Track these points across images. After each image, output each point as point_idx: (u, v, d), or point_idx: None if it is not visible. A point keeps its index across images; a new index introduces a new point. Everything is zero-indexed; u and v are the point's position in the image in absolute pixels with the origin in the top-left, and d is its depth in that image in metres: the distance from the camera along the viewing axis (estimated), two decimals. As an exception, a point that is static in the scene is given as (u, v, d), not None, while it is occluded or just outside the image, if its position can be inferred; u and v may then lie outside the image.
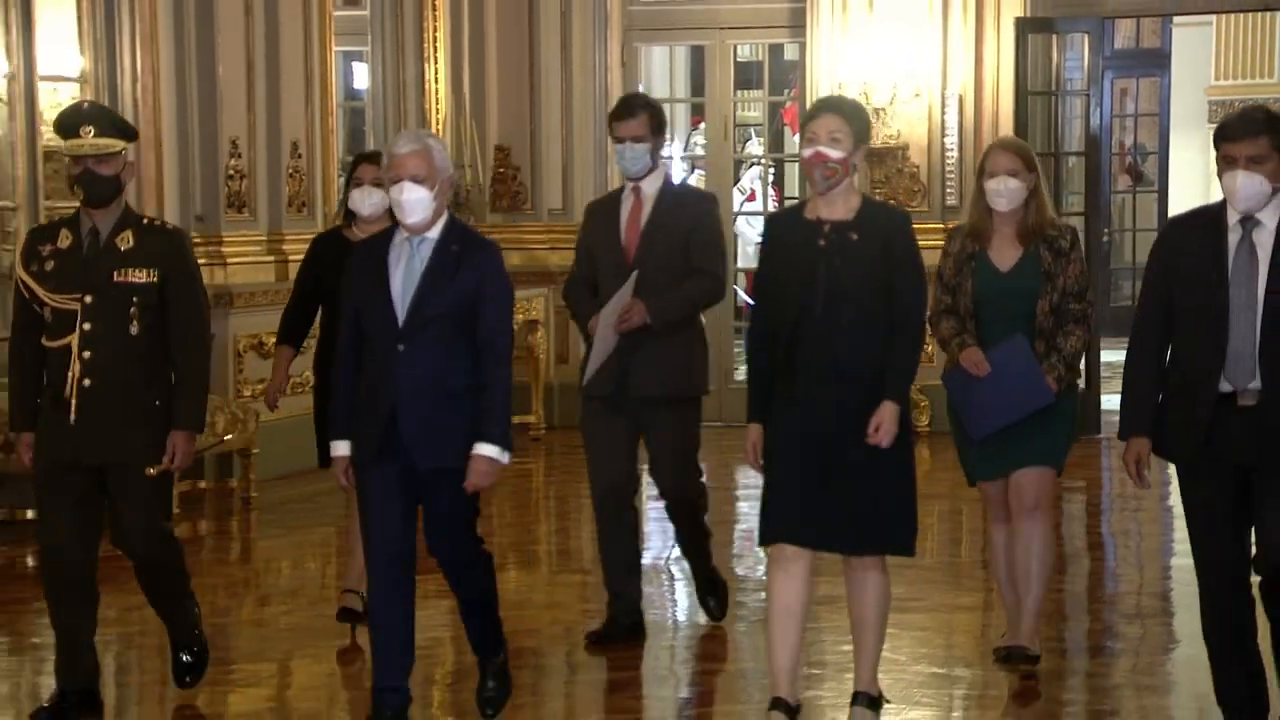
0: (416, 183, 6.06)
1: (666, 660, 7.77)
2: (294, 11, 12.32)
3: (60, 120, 6.63)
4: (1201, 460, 5.77)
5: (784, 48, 16.02)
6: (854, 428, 6.00)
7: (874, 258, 5.99)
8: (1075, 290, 6.88)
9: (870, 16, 13.97)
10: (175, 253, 6.56)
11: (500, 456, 6.14)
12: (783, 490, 6.09)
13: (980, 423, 6.88)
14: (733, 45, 15.14)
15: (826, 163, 5.95)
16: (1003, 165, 6.85)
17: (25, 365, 6.56)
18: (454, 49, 14.09)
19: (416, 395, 6.11)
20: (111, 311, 6.43)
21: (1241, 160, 5.58)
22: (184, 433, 6.53)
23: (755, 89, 16.99)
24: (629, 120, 7.51)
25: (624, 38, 14.77)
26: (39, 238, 6.60)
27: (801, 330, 6.01)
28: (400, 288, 6.14)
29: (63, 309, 6.43)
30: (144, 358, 6.49)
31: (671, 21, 15.64)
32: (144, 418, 6.49)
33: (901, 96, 13.89)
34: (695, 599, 8.09)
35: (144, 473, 6.49)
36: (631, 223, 7.54)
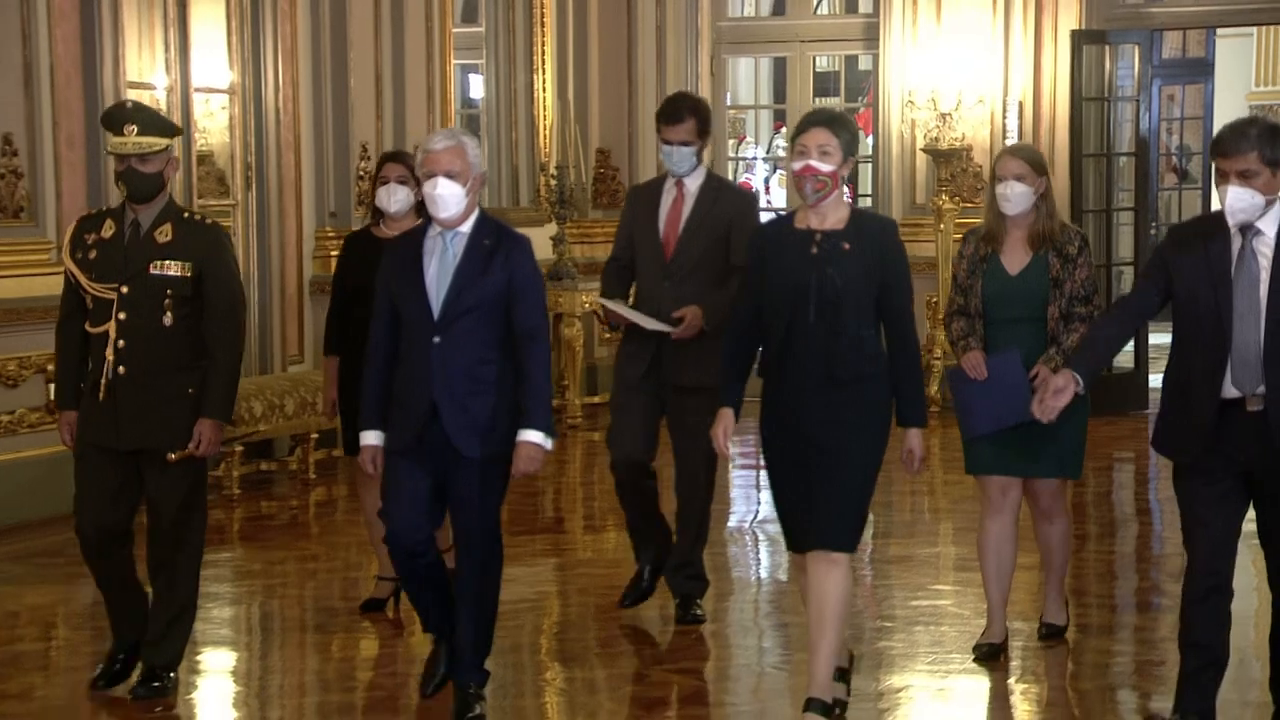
0: (450, 178, 5.76)
1: (750, 613, 7.86)
2: (418, 29, 12.43)
3: (105, 118, 6.33)
4: (1208, 462, 5.46)
5: (858, 58, 15.99)
6: (839, 432, 5.67)
7: (866, 266, 5.65)
8: (1082, 294, 6.51)
9: (938, 29, 13.99)
10: (211, 247, 6.24)
11: (545, 442, 5.82)
12: (783, 499, 5.84)
13: (968, 423, 6.55)
14: (812, 56, 15.21)
15: (816, 175, 5.62)
16: (1011, 170, 6.53)
17: (69, 349, 6.31)
18: (560, 61, 14.15)
19: (451, 385, 5.79)
20: (146, 302, 6.14)
21: (1233, 175, 5.32)
22: (211, 421, 6.18)
23: (832, 96, 16.98)
24: (677, 125, 7.16)
25: (713, 50, 14.81)
26: (86, 227, 6.32)
27: (793, 337, 5.68)
28: (435, 281, 5.82)
29: (102, 297, 6.16)
30: (177, 347, 6.18)
31: (756, 35, 15.75)
32: (176, 406, 6.17)
33: (966, 102, 13.88)
34: (774, 560, 7.94)
35: (168, 455, 6.18)
36: (672, 217, 7.18)
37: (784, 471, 5.80)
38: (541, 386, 5.84)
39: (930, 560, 8.80)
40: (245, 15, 11.22)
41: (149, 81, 10.70)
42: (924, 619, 7.48)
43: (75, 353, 6.27)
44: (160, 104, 10.76)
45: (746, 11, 16.34)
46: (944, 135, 13.78)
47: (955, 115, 13.87)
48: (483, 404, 5.80)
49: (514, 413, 5.84)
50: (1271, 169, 5.30)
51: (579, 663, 7.02)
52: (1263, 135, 5.31)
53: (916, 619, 7.40)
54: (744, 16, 15.53)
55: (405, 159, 7.31)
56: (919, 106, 13.98)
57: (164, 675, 6.31)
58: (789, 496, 5.80)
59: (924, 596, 7.90)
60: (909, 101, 14.00)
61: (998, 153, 7.17)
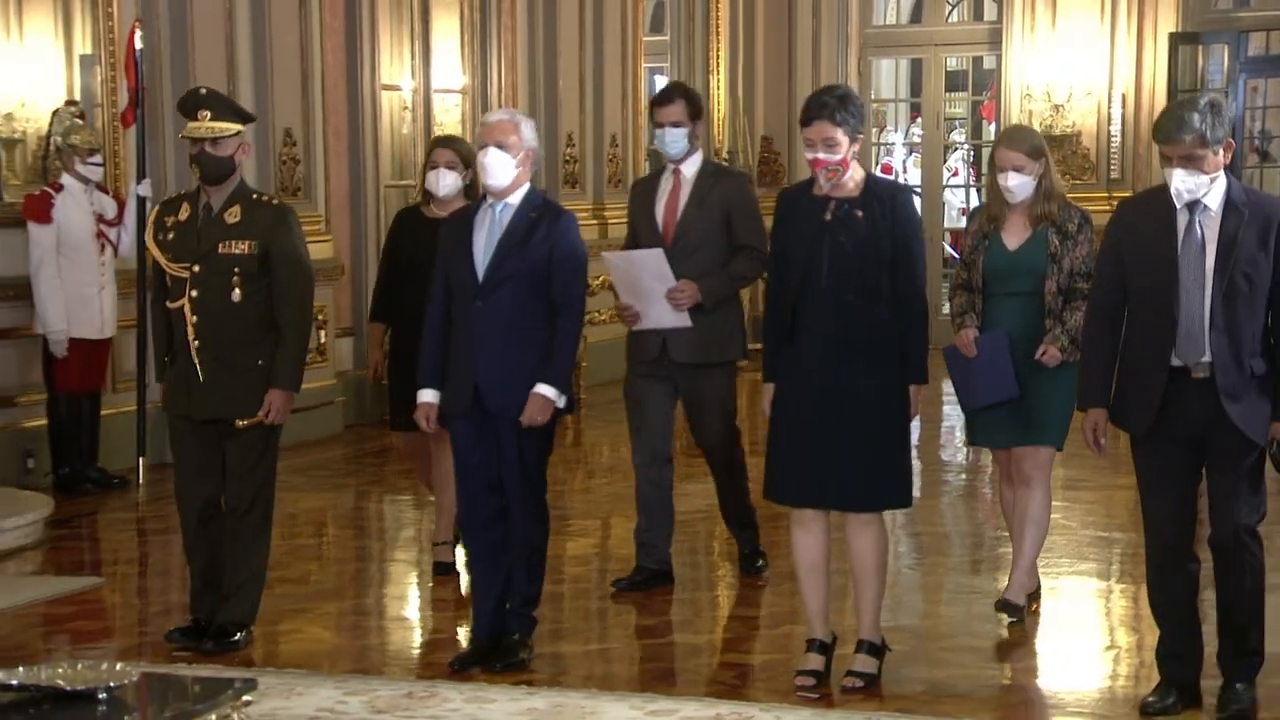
0: (500, 148, 5.25)
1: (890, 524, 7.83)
2: (614, 38, 12.56)
3: (181, 104, 5.72)
4: (1155, 431, 4.75)
5: (983, 58, 15.81)
6: (854, 392, 5.01)
7: (877, 232, 5.01)
8: (1083, 270, 5.68)
9: (1053, 33, 13.88)
10: (277, 226, 5.59)
11: (556, 399, 5.25)
12: (789, 453, 5.10)
13: (963, 397, 5.85)
14: (944, 57, 15.08)
15: (827, 167, 5.01)
16: (1008, 161, 5.72)
17: (158, 325, 5.78)
18: (731, 63, 14.17)
19: (491, 346, 5.26)
20: (216, 280, 5.53)
21: (1175, 159, 4.64)
22: (280, 391, 5.57)
23: (960, 91, 16.82)
24: (668, 106, 6.28)
25: (860, 52, 14.78)
26: (166, 210, 5.74)
27: (806, 299, 5.03)
28: (481, 249, 5.30)
29: (178, 276, 5.58)
30: (247, 323, 5.55)
31: (896, 40, 15.68)
32: (248, 378, 5.56)
33: (1076, 95, 13.74)
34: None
35: (249, 429, 5.59)
36: (670, 203, 6.26)
37: (795, 430, 5.09)
38: (565, 351, 5.31)
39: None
40: (475, 28, 11.42)
41: (397, 84, 10.92)
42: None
43: (163, 329, 5.73)
44: (407, 103, 11.00)
45: (889, 20, 16.24)
46: (1057, 123, 13.70)
47: (1066, 106, 13.75)
48: (521, 366, 5.25)
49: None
50: (1212, 149, 4.62)
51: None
52: (1202, 118, 4.62)
53: (1030, 529, 7.38)
54: (886, 24, 15.50)
55: (454, 145, 6.70)
56: (1035, 98, 13.86)
57: (238, 631, 5.65)
58: (797, 454, 5.07)
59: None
60: (1027, 94, 13.89)
61: (996, 139, 6.29)
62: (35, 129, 9.22)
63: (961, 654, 5.64)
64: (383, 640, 6.01)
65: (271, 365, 5.55)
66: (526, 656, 5.41)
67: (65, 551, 7.32)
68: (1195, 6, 13.89)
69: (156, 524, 7.61)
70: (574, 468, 9.07)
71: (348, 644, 5.85)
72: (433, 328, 5.40)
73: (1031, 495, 5.84)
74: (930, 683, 5.33)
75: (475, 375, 5.26)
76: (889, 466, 5.10)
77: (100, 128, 8.90)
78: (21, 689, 3.35)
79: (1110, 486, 8.16)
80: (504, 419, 5.27)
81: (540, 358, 5.26)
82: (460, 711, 4.91)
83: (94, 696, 3.32)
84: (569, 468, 8.30)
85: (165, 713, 3.32)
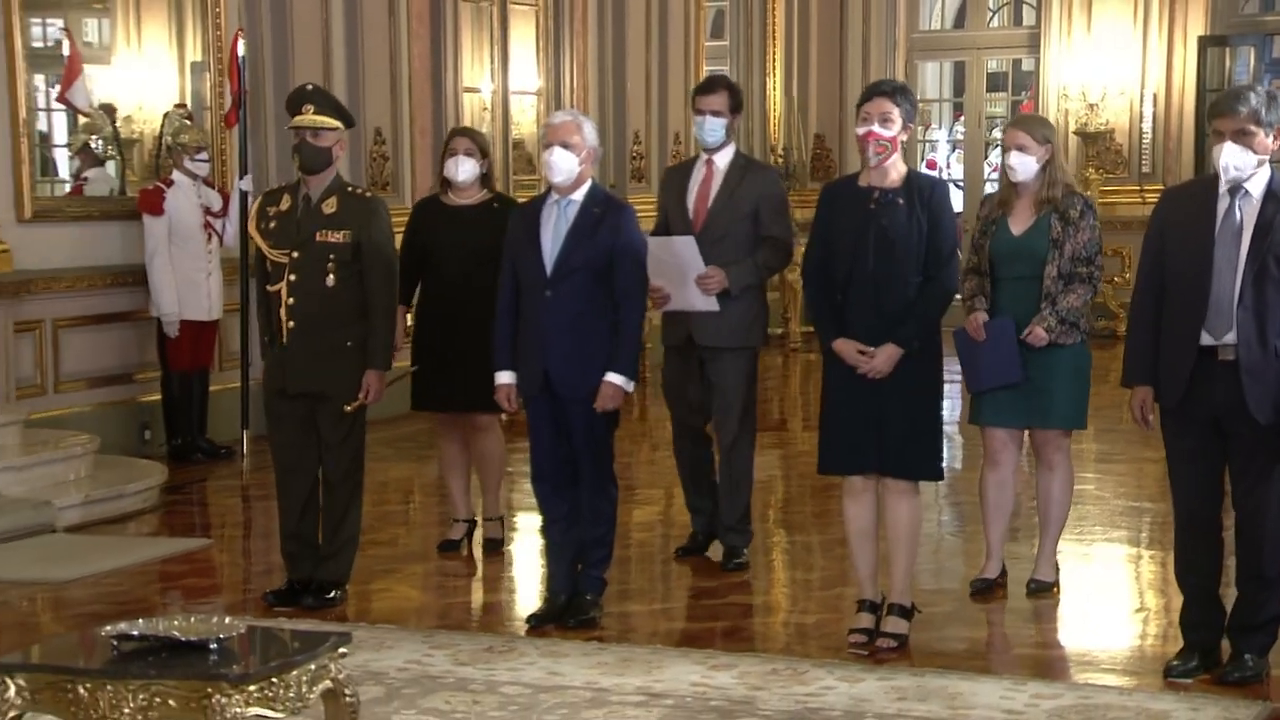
0: (565, 147, 5.18)
1: (932, 495, 7.61)
2: (678, 43, 12.51)
3: (288, 101, 5.71)
4: (1184, 408, 4.64)
5: (1022, 61, 15.65)
6: (898, 369, 4.97)
7: (916, 220, 4.97)
8: (1084, 255, 5.50)
9: (1088, 36, 13.74)
10: (369, 217, 5.55)
11: (625, 385, 5.23)
12: (840, 424, 5.07)
13: (970, 378, 5.66)
14: (985, 60, 14.98)
15: (879, 140, 4.95)
16: (1013, 140, 5.56)
17: (260, 307, 5.75)
18: (786, 66, 14.10)
19: (560, 334, 5.21)
20: (312, 266, 5.50)
21: (1228, 135, 4.52)
22: (375, 371, 5.54)
23: (1001, 91, 16.66)
24: (710, 95, 6.05)
25: (907, 55, 14.70)
26: (268, 201, 5.72)
27: (853, 280, 4.99)
28: (549, 242, 5.23)
29: (278, 261, 5.56)
30: (339, 305, 5.52)
31: (941, 44, 15.55)
32: (339, 356, 5.52)
33: (1110, 94, 13.60)
34: (948, 453, 7.24)
35: (340, 404, 5.54)
36: (701, 192, 6.04)
37: (846, 402, 5.05)
38: (630, 339, 5.24)
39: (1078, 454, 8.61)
40: (549, 35, 11.41)
41: (477, 86, 10.94)
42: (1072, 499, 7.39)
43: (265, 311, 5.69)
44: (486, 104, 11.02)
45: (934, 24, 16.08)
46: (1091, 121, 13.58)
47: (1101, 105, 13.62)
48: (587, 351, 5.21)
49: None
50: (1265, 129, 4.52)
51: (799, 529, 7.03)
52: (1259, 99, 4.56)
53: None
54: (931, 29, 15.37)
55: (471, 134, 6.49)
56: (1071, 98, 13.74)
57: (334, 590, 5.66)
58: (848, 426, 5.05)
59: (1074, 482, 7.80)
60: (1063, 94, 13.78)
61: (1006, 124, 6.07)
62: (150, 130, 9.35)
63: (1000, 615, 5.63)
64: (465, 599, 6.05)
65: (364, 348, 5.53)
66: (597, 615, 5.42)
67: (178, 515, 7.42)
68: (1223, 10, 13.72)
69: (259, 490, 7.67)
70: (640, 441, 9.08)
71: (433, 602, 5.90)
72: (503, 315, 5.36)
73: (1054, 477, 5.72)
74: (971, 641, 5.33)
75: (545, 360, 5.24)
76: (923, 439, 5.07)
77: (207, 128, 8.99)
78: (142, 639, 3.40)
79: (1140, 460, 8.10)
80: (573, 399, 5.26)
81: (604, 343, 5.22)
82: (536, 665, 4.95)
83: (206, 646, 3.37)
84: (635, 441, 8.31)
85: (269, 662, 3.36)
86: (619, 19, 11.92)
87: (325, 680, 3.45)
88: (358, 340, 5.54)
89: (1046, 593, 5.74)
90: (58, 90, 9.14)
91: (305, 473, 5.63)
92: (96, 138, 9.45)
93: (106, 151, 9.46)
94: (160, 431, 8.53)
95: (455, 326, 6.10)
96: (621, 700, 4.60)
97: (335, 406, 5.55)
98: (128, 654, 3.36)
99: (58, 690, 3.32)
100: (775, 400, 11.08)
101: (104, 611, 5.61)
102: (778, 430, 9.70)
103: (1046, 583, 5.76)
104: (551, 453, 5.35)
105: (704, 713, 4.50)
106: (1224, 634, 4.81)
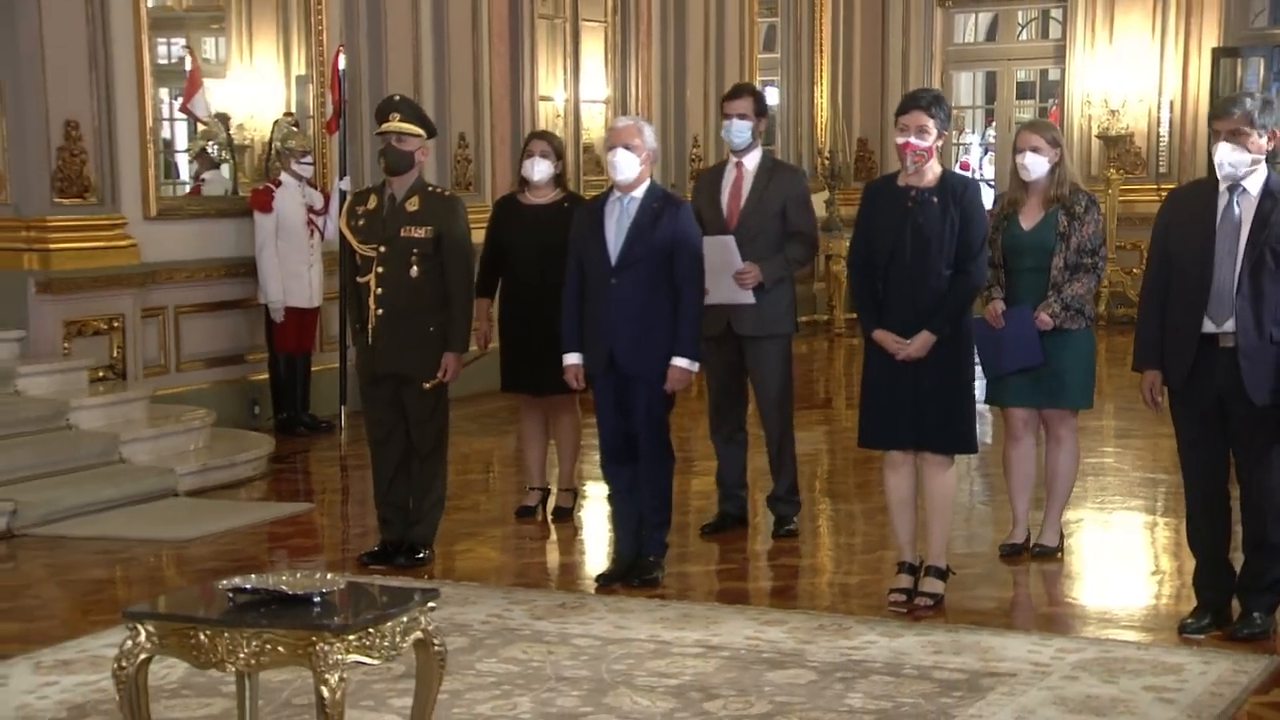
0: (628, 149, 5.18)
1: (965, 467, 7.57)
2: (734, 55, 12.42)
3: (377, 109, 5.69)
4: (1190, 391, 4.61)
5: (1049, 70, 15.47)
6: (933, 354, 4.94)
7: (950, 217, 4.93)
8: (1088, 248, 5.45)
9: (1110, 48, 13.56)
10: (448, 214, 5.52)
11: (690, 366, 5.22)
12: (880, 403, 5.03)
13: (988, 363, 5.55)
14: (1015, 70, 14.83)
15: (915, 150, 4.93)
16: (1027, 142, 5.52)
17: (350, 298, 5.77)
18: (832, 76, 13.99)
19: (624, 319, 5.18)
20: (397, 259, 5.47)
21: (1224, 134, 4.50)
22: (453, 354, 5.52)
23: (1029, 99, 16.49)
24: (737, 100, 5.98)
25: (942, 66, 14.53)
26: (357, 200, 5.70)
27: (892, 272, 4.96)
28: (613, 236, 5.21)
29: (367, 255, 5.53)
30: (422, 295, 5.48)
31: (974, 55, 15.42)
32: (422, 341, 5.49)
33: (1130, 101, 13.42)
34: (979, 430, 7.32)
35: (423, 385, 5.51)
36: (734, 193, 5.94)
37: (884, 384, 5.02)
38: (690, 324, 5.21)
39: (1098, 430, 8.60)
40: (617, 48, 11.39)
41: (552, 95, 10.94)
42: (1093, 472, 7.30)
43: (354, 300, 5.67)
44: (559, 111, 11.02)
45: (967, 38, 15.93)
46: (1112, 125, 13.42)
47: (1121, 111, 13.45)
48: (648, 334, 5.19)
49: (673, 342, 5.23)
50: (1258, 130, 4.49)
51: (842, 499, 6.98)
52: (1254, 103, 4.54)
53: (1088, 471, 7.25)
54: (965, 42, 15.24)
55: (548, 138, 6.38)
56: (1094, 105, 13.58)
57: (423, 550, 5.66)
58: (887, 405, 5.02)
59: (1094, 456, 7.68)
60: (1087, 101, 13.62)
61: (1018, 128, 5.99)
62: (260, 136, 9.44)
63: (1026, 576, 5.58)
64: (541, 559, 6.05)
65: (444, 332, 5.51)
66: (659, 575, 5.41)
67: (283, 482, 7.47)
68: (1235, 24, 13.50)
69: (355, 461, 7.72)
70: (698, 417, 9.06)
71: (511, 562, 5.91)
72: (569, 301, 5.34)
73: (1061, 451, 5.67)
74: (999, 600, 5.30)
75: (611, 343, 5.23)
76: (957, 416, 5.03)
77: (311, 134, 9.06)
78: (254, 592, 3.43)
79: (1156, 435, 7.99)
80: (636, 378, 5.25)
81: (664, 326, 5.20)
82: (605, 620, 4.95)
83: (310, 600, 3.39)
84: (693, 417, 8.28)
85: (367, 615, 3.38)
86: (680, 34, 11.88)
87: (416, 631, 3.47)
88: (439, 326, 5.52)
89: (1050, 557, 5.69)
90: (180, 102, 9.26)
91: (395, 445, 5.62)
92: (213, 144, 9.56)
93: (221, 156, 9.58)
94: (268, 407, 8.60)
95: (534, 317, 6.06)
96: (682, 652, 4.60)
97: (419, 386, 5.54)
98: (242, 605, 3.39)
99: (182, 637, 3.36)
100: (820, 381, 11.00)
101: (220, 567, 5.67)
102: (823, 408, 9.64)
103: (1050, 547, 5.71)
104: (615, 429, 5.34)
105: (756, 664, 4.50)
106: (1233, 594, 4.78)
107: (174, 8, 10.26)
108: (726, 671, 4.42)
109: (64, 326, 7.56)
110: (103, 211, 7.76)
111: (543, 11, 10.68)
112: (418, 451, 5.63)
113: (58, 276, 7.49)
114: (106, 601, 5.32)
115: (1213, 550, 4.77)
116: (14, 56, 7.34)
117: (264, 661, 3.32)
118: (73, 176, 7.59)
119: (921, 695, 4.21)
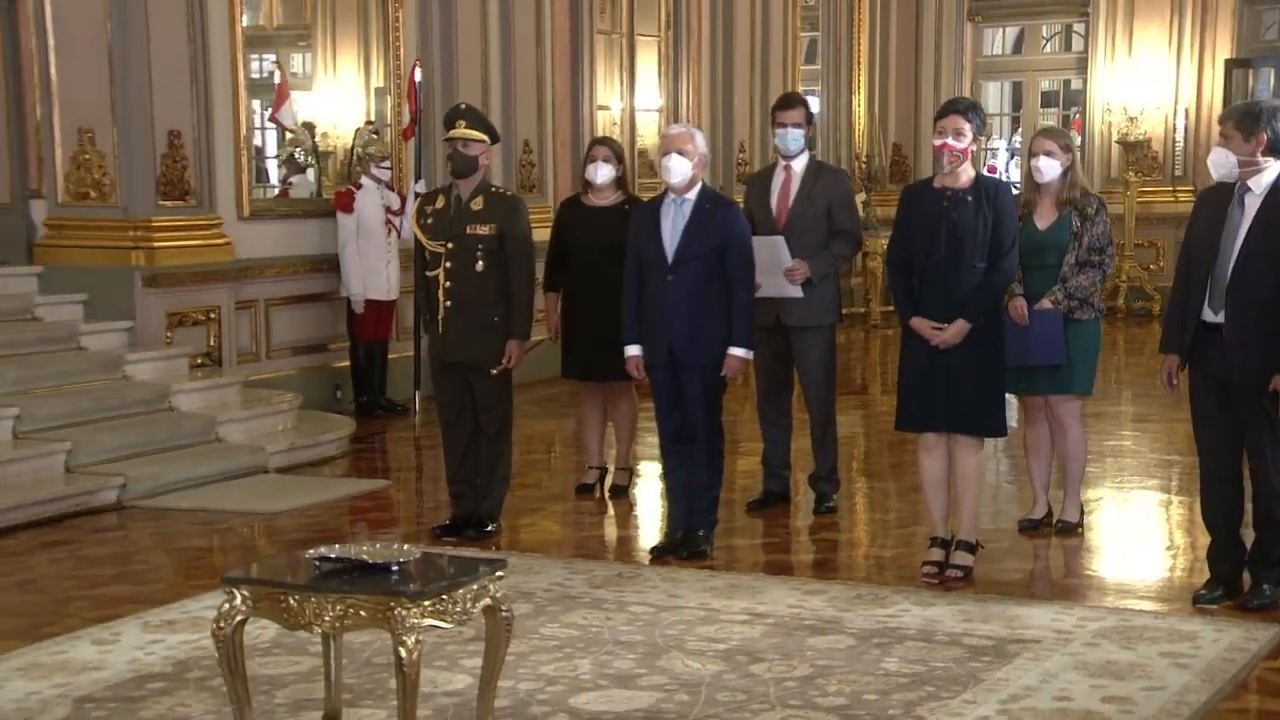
0: (680, 154, 5.18)
1: (991, 449, 7.50)
2: (778, 68, 12.34)
3: (446, 116, 5.70)
4: (1199, 376, 4.61)
5: (1071, 80, 15.30)
6: (966, 343, 4.92)
7: (983, 216, 4.89)
8: (1097, 246, 5.44)
9: (1129, 60, 13.40)
10: (510, 213, 5.52)
11: (746, 355, 5.23)
12: (915, 389, 5.00)
13: (1012, 352, 5.35)
14: (1039, 80, 14.70)
15: (952, 151, 4.89)
16: (1041, 147, 5.47)
17: (420, 291, 5.79)
18: (869, 86, 13.89)
19: (680, 312, 5.18)
20: (464, 254, 5.46)
21: (1218, 138, 4.59)
22: (516, 341, 5.52)
23: (1053, 107, 16.31)
24: (789, 110, 5.89)
25: (972, 76, 14.40)
26: (426, 201, 5.69)
27: (928, 268, 4.93)
28: (669, 235, 5.20)
29: (435, 251, 5.53)
30: (486, 288, 5.48)
31: (1002, 67, 15.28)
32: (487, 330, 5.49)
33: (1148, 110, 13.24)
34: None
35: (489, 371, 5.52)
36: (782, 195, 5.89)
37: (919, 371, 4.99)
38: (744, 316, 5.19)
39: (1116, 415, 8.51)
40: (669, 61, 11.36)
41: (609, 104, 10.93)
42: (1111, 454, 7.24)
43: (424, 293, 5.67)
44: (616, 120, 11.00)
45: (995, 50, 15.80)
46: (1131, 131, 13.24)
47: (1139, 118, 13.29)
48: (703, 327, 5.18)
49: (727, 333, 5.21)
50: (1243, 135, 4.47)
51: (879, 478, 6.94)
52: (1244, 111, 4.57)
53: (1107, 453, 7.19)
54: (993, 54, 15.13)
55: (610, 143, 6.32)
56: (1114, 112, 13.43)
57: (491, 523, 5.67)
58: (921, 391, 4.98)
59: (1112, 439, 7.62)
60: (1107, 109, 13.47)
61: (1033, 134, 5.97)
62: (342, 143, 9.51)
63: (1049, 550, 5.54)
64: (599, 533, 6.05)
65: (507, 321, 5.52)
66: (709, 548, 5.41)
67: (363, 460, 7.51)
68: (1247, 37, 13.33)
69: (429, 441, 7.74)
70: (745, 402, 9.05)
71: (572, 535, 5.91)
72: (629, 297, 5.34)
73: (1069, 435, 5.61)
74: (1024, 572, 5.26)
75: (668, 334, 5.23)
76: (987, 401, 5.00)
77: (388, 141, 9.11)
78: (338, 560, 3.46)
79: (1171, 419, 7.91)
80: (692, 366, 5.24)
81: (717, 317, 5.19)
82: (658, 589, 4.96)
83: (389, 568, 3.42)
84: (740, 402, 8.25)
85: (440, 582, 3.40)
86: (728, 47, 11.82)
87: (486, 598, 3.48)
88: (502, 316, 5.52)
89: (1072, 532, 5.65)
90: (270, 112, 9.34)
91: (464, 427, 5.64)
92: (300, 150, 9.64)
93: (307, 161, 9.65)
94: (349, 391, 8.65)
95: (595, 309, 6.02)
96: (730, 619, 4.60)
97: (486, 373, 5.55)
98: (327, 573, 3.42)
99: (273, 600, 3.39)
100: (858, 369, 10.93)
101: (306, 538, 5.71)
102: (860, 394, 9.59)
103: (1072, 523, 5.69)
104: (671, 413, 5.34)
105: (799, 630, 4.49)
106: (1244, 568, 4.74)
107: (265, 27, 10.35)
108: (771, 637, 4.41)
109: (166, 317, 7.68)
110: (201, 213, 7.86)
111: (601, 27, 10.68)
112: (485, 433, 5.64)
113: (161, 272, 7.60)
114: (206, 568, 5.38)
115: (1225, 525, 4.72)
116: (125, 74, 7.48)
117: (347, 624, 3.35)
118: (175, 181, 7.70)
119: (952, 660, 4.20)
